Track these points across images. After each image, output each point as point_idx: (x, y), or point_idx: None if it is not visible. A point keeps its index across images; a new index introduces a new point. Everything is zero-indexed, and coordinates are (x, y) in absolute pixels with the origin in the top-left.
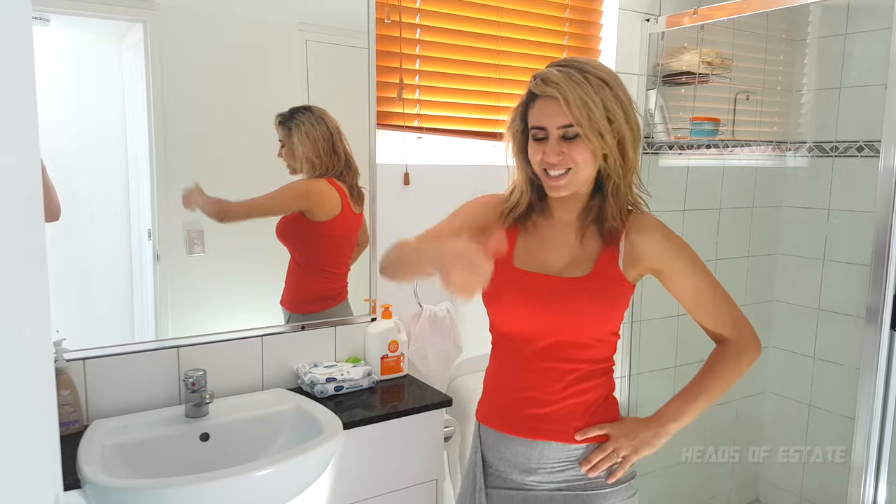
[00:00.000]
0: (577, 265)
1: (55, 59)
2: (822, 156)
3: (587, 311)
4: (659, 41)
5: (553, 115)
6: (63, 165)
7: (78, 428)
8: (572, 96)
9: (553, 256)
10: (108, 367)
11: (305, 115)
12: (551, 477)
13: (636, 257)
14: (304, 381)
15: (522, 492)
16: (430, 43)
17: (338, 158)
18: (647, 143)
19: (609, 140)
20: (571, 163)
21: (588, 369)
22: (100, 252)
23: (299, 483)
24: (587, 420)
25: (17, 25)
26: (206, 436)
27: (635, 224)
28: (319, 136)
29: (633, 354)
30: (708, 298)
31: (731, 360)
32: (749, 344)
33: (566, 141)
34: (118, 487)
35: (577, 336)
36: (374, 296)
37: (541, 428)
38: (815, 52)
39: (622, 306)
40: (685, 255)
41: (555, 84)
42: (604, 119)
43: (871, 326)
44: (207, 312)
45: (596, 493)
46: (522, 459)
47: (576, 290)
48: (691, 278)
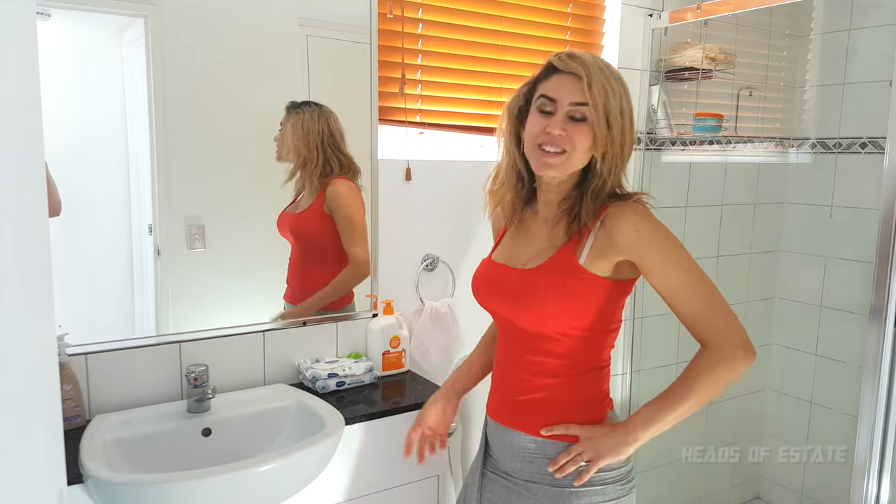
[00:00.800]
0: (538, 257)
1: (56, 54)
2: (826, 152)
3: (537, 303)
4: (662, 36)
5: (570, 91)
6: (64, 161)
7: (80, 423)
8: (596, 78)
9: (524, 251)
10: (110, 362)
11: (309, 108)
12: (523, 466)
13: (607, 249)
14: (306, 377)
15: (507, 479)
16: (432, 38)
17: (341, 156)
18: (649, 139)
19: (615, 133)
20: (570, 145)
21: (558, 364)
22: (101, 247)
23: (301, 478)
24: (558, 417)
25: (23, 20)
26: (208, 431)
27: (613, 215)
28: (313, 130)
29: (634, 351)
30: (683, 299)
31: (706, 370)
32: (730, 353)
33: (572, 121)
34: (120, 482)
35: (537, 327)
36: (376, 291)
37: (511, 416)
38: (819, 47)
39: (585, 300)
40: (659, 250)
41: (581, 62)
42: (617, 111)
43: (875, 324)
44: (209, 308)
45: (563, 489)
46: (501, 444)
47: (525, 281)
48: (662, 276)
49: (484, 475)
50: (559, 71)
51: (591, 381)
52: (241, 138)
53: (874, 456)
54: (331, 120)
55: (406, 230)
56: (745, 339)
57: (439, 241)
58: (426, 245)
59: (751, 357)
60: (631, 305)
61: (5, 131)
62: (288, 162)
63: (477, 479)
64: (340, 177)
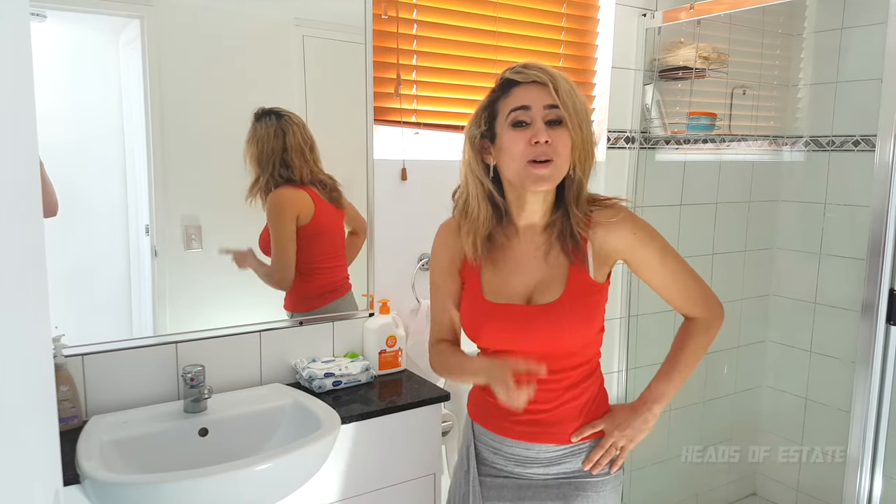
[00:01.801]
0: (547, 288)
1: (52, 55)
2: (819, 150)
3: (566, 332)
4: (655, 36)
5: (539, 96)
6: (60, 161)
7: (76, 423)
8: (560, 82)
9: (520, 282)
10: (107, 363)
11: (269, 121)
12: (546, 469)
13: (606, 254)
14: (303, 376)
15: (516, 480)
16: (426, 38)
17: (286, 170)
18: (643, 138)
19: (585, 134)
20: (554, 153)
21: (578, 375)
22: (97, 247)
23: (298, 477)
24: (582, 420)
25: (15, 21)
26: (204, 431)
27: (599, 222)
28: (266, 146)
29: (630, 349)
30: (677, 283)
31: (700, 335)
32: (714, 315)
33: (550, 127)
34: (117, 482)
35: (561, 350)
36: (372, 291)
37: (535, 432)
38: (812, 46)
39: (601, 309)
40: (656, 246)
41: (539, 69)
42: (584, 111)
43: (867, 320)
44: (205, 308)
45: (588, 480)
46: (518, 457)
47: (551, 315)
48: (661, 267)
49: (482, 482)
50: (518, 83)
51: (596, 378)
52: (237, 139)
53: (867, 451)
54: (288, 133)
55: (402, 230)
56: (718, 299)
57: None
58: (422, 245)
59: (724, 314)
60: (626, 303)
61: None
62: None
63: (478, 490)
64: (279, 186)
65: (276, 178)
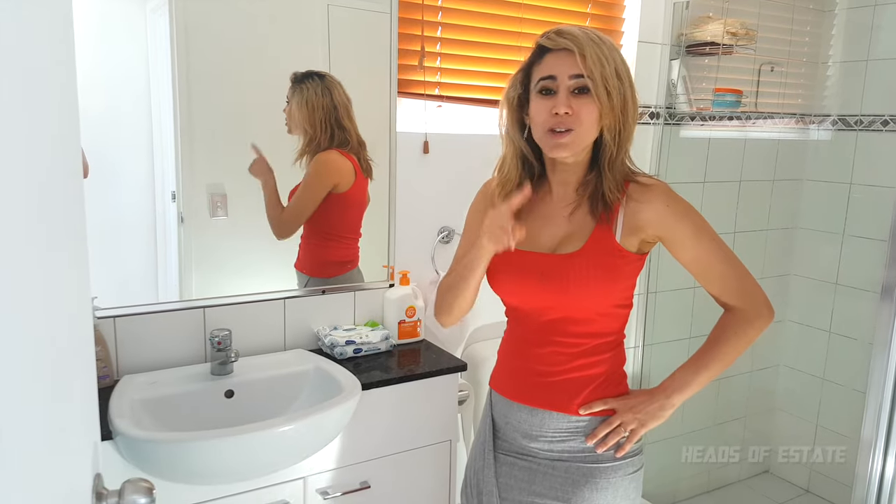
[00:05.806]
0: (571, 241)
1: (80, 22)
2: (846, 129)
3: (582, 287)
4: (683, 10)
5: (566, 65)
6: (88, 128)
7: (108, 382)
8: (588, 50)
9: (548, 234)
10: (138, 326)
11: (314, 82)
12: (552, 446)
13: (637, 226)
14: (325, 343)
15: (527, 460)
16: (451, 10)
17: (342, 131)
18: (668, 113)
19: (615, 101)
20: (577, 123)
21: (593, 344)
22: (125, 213)
23: (319, 439)
24: (592, 394)
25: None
26: (230, 392)
27: (637, 192)
28: (318, 106)
29: (648, 325)
30: (713, 267)
31: (737, 330)
32: (757, 312)
33: (575, 96)
34: (147, 439)
35: (576, 311)
36: (393, 262)
37: (542, 397)
38: (843, 23)
39: (625, 278)
40: (689, 223)
41: (571, 36)
42: (614, 77)
43: (887, 302)
44: (232, 275)
45: (597, 465)
46: (525, 426)
47: (568, 266)
48: (695, 247)
49: (496, 458)
50: (550, 50)
51: (618, 356)
52: (263, 107)
53: (881, 431)
54: (335, 93)
55: (423, 202)
56: (767, 298)
57: (455, 214)
58: (442, 217)
59: (773, 315)
60: (645, 280)
61: (49, 90)
62: (298, 136)
63: (491, 463)
64: (330, 149)
65: (331, 140)
